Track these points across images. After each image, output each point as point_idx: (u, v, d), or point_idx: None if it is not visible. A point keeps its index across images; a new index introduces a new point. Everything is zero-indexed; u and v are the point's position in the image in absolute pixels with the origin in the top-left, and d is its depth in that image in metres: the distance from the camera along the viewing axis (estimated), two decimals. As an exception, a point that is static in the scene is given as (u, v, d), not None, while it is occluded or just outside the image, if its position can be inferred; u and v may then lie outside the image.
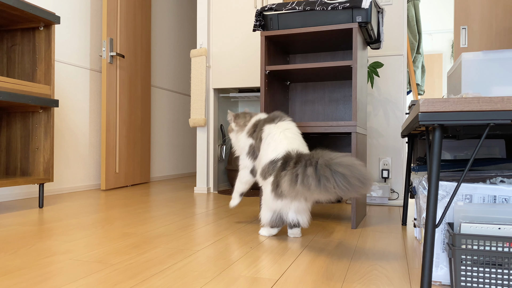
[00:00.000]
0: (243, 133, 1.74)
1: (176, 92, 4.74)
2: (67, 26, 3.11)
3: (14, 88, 2.14)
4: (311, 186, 1.29)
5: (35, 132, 2.41)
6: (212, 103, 3.22)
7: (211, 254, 1.37)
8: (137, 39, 3.73)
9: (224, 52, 3.17)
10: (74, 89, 3.18)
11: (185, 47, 4.98)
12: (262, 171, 1.59)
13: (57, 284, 1.06)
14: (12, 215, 2.09)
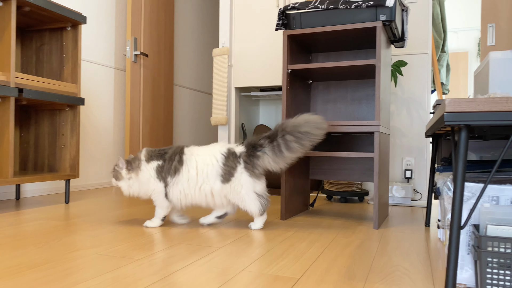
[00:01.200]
0: (142, 167, 1.76)
1: (198, 90, 4.79)
2: (92, 26, 3.18)
3: (43, 87, 2.20)
4: (293, 148, 1.68)
5: (61, 130, 2.47)
6: (234, 102, 3.24)
7: (233, 252, 1.38)
8: (161, 38, 3.78)
9: (246, 51, 3.18)
10: (99, 88, 3.25)
11: (207, 46, 5.02)
12: (222, 176, 1.70)
13: (85, 277, 1.09)
14: (40, 210, 2.16)
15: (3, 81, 1.97)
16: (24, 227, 1.71)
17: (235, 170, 1.70)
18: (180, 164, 1.72)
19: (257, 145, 1.73)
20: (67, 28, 2.47)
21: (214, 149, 1.75)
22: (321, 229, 1.79)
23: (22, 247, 1.38)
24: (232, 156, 1.72)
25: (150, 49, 3.61)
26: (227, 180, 1.70)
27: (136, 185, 1.76)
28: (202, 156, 1.74)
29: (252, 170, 1.71)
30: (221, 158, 1.72)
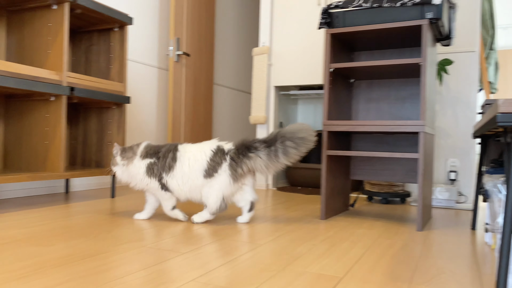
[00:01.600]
0: (135, 160, 1.82)
1: (236, 89, 4.84)
2: (137, 27, 3.28)
3: (92, 86, 2.30)
4: (291, 154, 1.76)
5: (108, 127, 2.57)
6: (273, 101, 3.26)
7: (275, 249, 1.40)
8: (202, 38, 3.85)
9: (286, 50, 3.19)
10: (142, 87, 3.36)
11: (247, 46, 5.06)
12: (206, 171, 1.74)
13: (134, 269, 1.13)
14: (88, 203, 2.26)
15: (57, 80, 2.08)
16: (75, 220, 1.79)
17: (220, 166, 1.75)
18: (173, 161, 1.78)
19: (251, 147, 1.77)
20: (114, 29, 2.56)
21: (205, 146, 1.81)
22: (362, 230, 1.77)
23: (75, 238, 1.46)
24: (220, 153, 1.77)
25: (192, 48, 3.68)
26: (210, 175, 1.75)
27: (127, 173, 1.83)
28: (194, 152, 1.79)
29: (235, 169, 1.75)
30: (210, 154, 1.77)
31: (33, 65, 2.21)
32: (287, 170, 3.37)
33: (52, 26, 2.15)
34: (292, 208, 2.30)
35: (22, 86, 1.87)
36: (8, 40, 2.31)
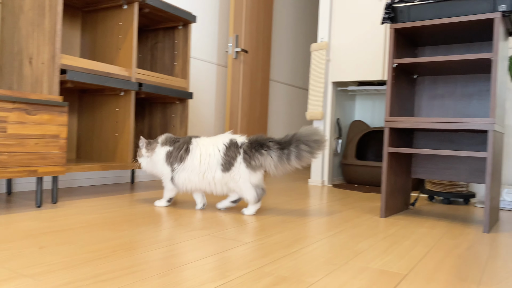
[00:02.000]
0: (156, 149, 1.93)
1: (292, 85, 4.85)
2: (198, 24, 3.39)
3: (158, 82, 2.41)
4: (304, 157, 1.80)
5: (172, 121, 2.69)
6: (330, 97, 3.24)
7: (335, 243, 1.41)
8: (259, 34, 3.89)
9: (345, 45, 3.15)
10: (202, 83, 3.46)
11: (303, 42, 5.05)
12: (223, 165, 1.81)
13: (201, 255, 1.19)
14: (153, 193, 2.38)
15: (126, 76, 2.21)
16: (141, 208, 1.90)
17: (235, 160, 1.81)
18: (186, 153, 1.86)
19: (265, 145, 1.82)
20: (178, 27, 2.67)
21: (218, 139, 1.87)
22: (424, 229, 1.73)
23: (143, 225, 1.55)
24: (233, 147, 1.83)
25: (250, 45, 3.74)
26: (227, 169, 1.81)
27: (151, 164, 1.94)
28: (206, 146, 1.85)
29: (249, 161, 1.80)
30: (223, 148, 1.83)
31: (105, 62, 2.35)
32: (343, 167, 3.34)
33: (122, 25, 2.28)
34: (349, 205, 2.29)
35: (96, 81, 2.01)
36: (82, 39, 2.47)
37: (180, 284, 0.95)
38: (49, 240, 1.28)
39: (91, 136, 2.40)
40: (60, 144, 1.76)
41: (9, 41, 2.04)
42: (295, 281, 1.02)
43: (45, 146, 1.71)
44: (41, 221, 1.54)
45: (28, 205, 1.84)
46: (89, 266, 1.05)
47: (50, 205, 1.86)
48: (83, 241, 1.29)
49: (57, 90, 1.85)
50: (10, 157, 1.59)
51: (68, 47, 2.42)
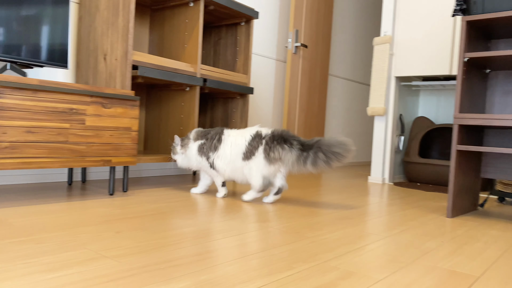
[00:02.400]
0: (189, 145, 2.05)
1: (351, 80, 4.76)
2: (258, 20, 3.42)
3: (220, 77, 2.47)
4: (319, 165, 1.83)
5: (232, 116, 2.75)
6: (393, 92, 3.15)
7: (401, 242, 1.38)
8: (319, 29, 3.86)
9: (409, 39, 3.05)
10: (262, 78, 3.50)
11: (364, 36, 4.94)
12: (244, 154, 1.91)
13: (265, 247, 1.22)
14: (213, 185, 2.45)
15: (192, 72, 2.28)
16: (204, 199, 1.97)
17: (257, 150, 1.90)
18: (219, 142, 1.98)
19: (288, 141, 1.87)
20: (241, 23, 2.71)
21: (247, 131, 1.96)
22: (496, 232, 1.65)
23: (208, 215, 1.61)
24: (257, 138, 1.92)
25: (309, 40, 3.72)
26: (247, 158, 1.91)
27: (186, 159, 2.07)
28: (236, 137, 1.96)
29: (268, 153, 1.87)
30: (249, 139, 1.93)
31: (172, 58, 2.45)
32: (406, 165, 3.24)
33: (188, 22, 2.36)
34: (413, 204, 2.22)
35: (164, 77, 2.10)
36: (150, 36, 2.59)
37: (248, 273, 0.98)
38: (123, 225, 1.37)
39: (157, 129, 2.52)
40: (132, 136, 1.87)
41: (85, 38, 2.18)
42: (362, 276, 1.01)
43: (118, 137, 1.82)
44: (114, 207, 1.64)
45: (101, 192, 1.96)
46: (163, 251, 1.11)
47: (121, 193, 1.98)
48: (154, 227, 1.36)
49: (129, 85, 1.95)
50: (88, 147, 1.71)
51: (138, 44, 2.54)
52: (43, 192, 1.89)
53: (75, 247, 1.10)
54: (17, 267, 0.93)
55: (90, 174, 2.37)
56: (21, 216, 1.41)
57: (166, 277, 0.93)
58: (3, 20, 1.71)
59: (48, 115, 1.58)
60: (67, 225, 1.33)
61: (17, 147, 1.51)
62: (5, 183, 2.06)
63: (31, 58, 1.82)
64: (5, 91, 1.47)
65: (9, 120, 1.48)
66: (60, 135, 1.62)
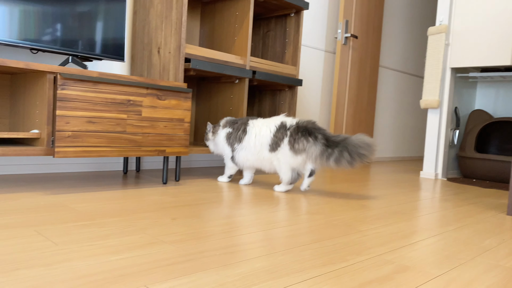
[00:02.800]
0: (219, 131, 2.10)
1: (403, 72, 4.61)
2: (308, 11, 3.38)
3: (269, 69, 2.48)
4: (341, 164, 1.82)
5: (280, 108, 2.74)
6: (448, 84, 3.02)
7: (459, 238, 1.33)
8: (370, 19, 3.76)
9: (468, 28, 2.90)
10: (310, 70, 3.47)
11: (417, 26, 4.76)
12: (270, 146, 1.93)
13: (320, 238, 1.22)
14: (258, 177, 2.46)
15: (241, 64, 2.30)
16: (252, 190, 1.99)
17: (282, 141, 1.91)
18: (243, 133, 2.00)
19: (313, 134, 1.87)
20: (290, 15, 2.70)
21: (271, 121, 1.98)
22: None
23: (257, 206, 1.62)
24: (282, 129, 1.92)
25: (360, 30, 3.64)
26: (273, 149, 1.93)
27: (216, 146, 2.12)
28: (260, 127, 1.98)
29: (293, 144, 1.88)
30: (274, 130, 1.94)
31: (222, 51, 2.48)
32: (460, 160, 3.11)
33: (238, 14, 2.38)
34: (469, 200, 2.13)
35: (215, 69, 2.13)
36: (201, 28, 2.63)
37: (302, 263, 0.99)
38: (178, 213, 1.41)
39: (207, 121, 2.56)
40: (184, 127, 1.92)
41: (140, 32, 2.26)
42: (419, 271, 0.99)
43: (172, 128, 1.87)
44: (168, 196, 1.70)
45: (155, 181, 2.03)
46: (217, 238, 1.14)
47: (174, 182, 2.04)
48: (207, 216, 1.40)
49: (181, 77, 2.00)
50: (144, 137, 1.78)
51: (189, 37, 2.59)
52: (101, 180, 1.98)
53: (135, 232, 1.15)
54: (84, 249, 0.99)
55: (144, 163, 2.46)
56: (83, 202, 1.49)
57: (222, 263, 0.95)
58: (64, 16, 1.80)
59: (108, 106, 1.66)
60: (125, 211, 1.39)
61: (78, 136, 1.59)
62: (65, 170, 2.18)
63: (90, 52, 1.90)
64: (68, 82, 1.55)
65: (72, 111, 1.57)
66: (119, 126, 1.69)
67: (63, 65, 1.85)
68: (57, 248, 0.98)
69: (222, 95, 2.46)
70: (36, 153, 1.55)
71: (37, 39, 1.73)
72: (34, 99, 1.65)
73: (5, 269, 0.83)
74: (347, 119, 3.62)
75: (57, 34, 1.79)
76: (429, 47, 3.02)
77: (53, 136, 1.57)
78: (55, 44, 1.79)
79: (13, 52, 1.94)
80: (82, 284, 0.79)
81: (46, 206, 1.39)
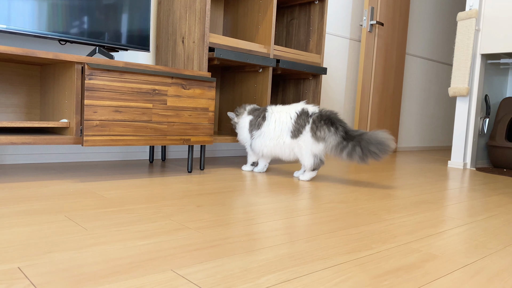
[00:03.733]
0: (242, 116, 2.11)
1: (430, 59, 4.49)
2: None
3: (293, 58, 2.46)
4: (353, 158, 1.84)
5: (304, 97, 2.72)
6: (478, 71, 2.92)
7: (488, 228, 1.30)
8: (396, 5, 3.67)
9: (499, 12, 2.80)
10: (334, 58, 3.42)
11: (445, 12, 4.62)
12: (292, 132, 1.93)
13: (345, 226, 1.21)
14: (281, 166, 2.46)
15: (265, 53, 2.29)
16: (277, 179, 1.99)
17: (304, 128, 1.91)
18: (263, 120, 2.01)
19: (335, 125, 1.88)
20: (315, 2, 2.66)
21: (291, 108, 1.97)
22: None
23: (283, 194, 1.63)
24: (304, 115, 1.93)
25: (386, 17, 3.56)
26: (295, 136, 1.93)
27: (239, 131, 2.13)
28: (280, 113, 1.98)
29: (315, 131, 1.89)
30: (295, 116, 1.94)
31: (245, 39, 2.47)
32: (490, 149, 3.02)
33: (262, 2, 2.36)
34: (499, 190, 2.07)
35: (239, 58, 2.13)
36: (225, 18, 2.63)
37: (326, 250, 0.99)
38: (203, 200, 1.43)
39: (231, 110, 2.57)
40: (209, 117, 1.93)
41: (165, 22, 2.27)
42: (447, 260, 0.97)
43: (196, 117, 1.88)
44: (193, 184, 1.72)
45: (180, 170, 2.06)
46: (242, 225, 1.15)
47: (199, 171, 2.06)
48: (232, 203, 1.41)
49: (205, 67, 2.01)
50: (169, 126, 1.80)
51: (213, 26, 2.60)
52: (128, 169, 2.02)
53: (161, 218, 1.17)
54: (112, 233, 1.01)
55: (169, 153, 2.50)
56: (111, 189, 1.53)
57: (247, 249, 0.96)
58: (91, 7, 1.83)
59: (134, 95, 1.68)
60: (152, 199, 1.41)
61: (106, 125, 1.62)
62: (92, 159, 2.23)
63: (116, 42, 1.93)
64: (95, 72, 1.58)
65: (99, 100, 1.60)
66: (144, 115, 1.72)
67: (91, 55, 1.88)
68: (86, 232, 1.01)
69: (246, 84, 2.46)
70: (66, 141, 1.59)
71: (65, 31, 1.77)
72: (63, 89, 1.69)
73: (38, 252, 0.86)
74: (372, 107, 3.56)
75: (84, 25, 1.82)
76: (458, 33, 2.93)
77: (82, 125, 1.61)
78: (82, 35, 1.82)
79: (43, 43, 1.99)
80: (110, 267, 0.81)
81: (75, 193, 1.43)
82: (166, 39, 2.27)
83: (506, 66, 3.20)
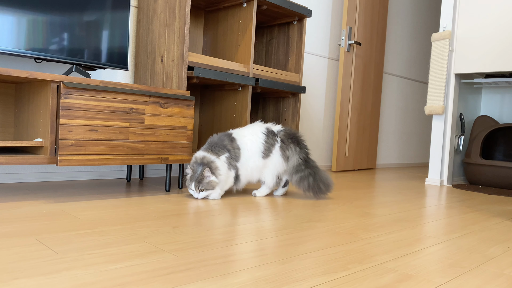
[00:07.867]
0: (217, 164, 1.81)
1: (407, 78, 4.60)
2: (311, 18, 3.39)
3: (272, 77, 2.48)
4: (303, 186, 1.93)
5: (284, 115, 2.74)
6: (452, 90, 3.00)
7: (462, 246, 1.31)
8: (374, 26, 3.76)
9: (471, 33, 2.89)
10: (313, 77, 3.47)
11: (421, 32, 4.75)
12: (263, 152, 1.92)
13: (321, 246, 1.21)
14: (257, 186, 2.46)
15: (244, 72, 2.31)
16: (257, 199, 1.98)
17: (274, 147, 1.94)
18: (238, 149, 1.91)
19: (299, 144, 1.96)
20: (293, 22, 2.70)
21: (255, 128, 1.96)
22: None
23: (261, 214, 1.62)
24: (271, 134, 1.96)
25: (363, 37, 3.64)
26: (266, 155, 1.93)
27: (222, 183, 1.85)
28: (249, 136, 1.94)
29: (284, 151, 1.94)
30: (263, 136, 1.94)
31: (225, 58, 2.49)
32: (466, 166, 3.08)
33: (241, 22, 2.39)
34: (474, 207, 2.11)
35: (218, 77, 2.13)
36: (204, 37, 2.65)
37: (302, 272, 0.98)
38: (180, 221, 1.41)
39: (210, 129, 2.57)
40: (187, 135, 1.92)
41: (144, 41, 2.27)
42: (422, 280, 0.98)
43: (175, 136, 1.87)
44: (171, 204, 1.70)
45: (158, 189, 2.03)
46: (218, 247, 1.13)
47: (177, 190, 2.04)
48: (209, 224, 1.39)
49: (184, 85, 2.01)
50: (146, 145, 1.78)
51: (192, 45, 2.61)
52: (104, 188, 1.99)
53: (136, 240, 1.15)
54: (84, 257, 0.99)
55: (148, 171, 2.47)
56: (85, 210, 1.50)
57: (222, 272, 0.94)
58: (68, 25, 1.82)
59: (110, 114, 1.66)
60: (127, 220, 1.39)
61: (81, 144, 1.60)
62: (68, 179, 2.19)
63: (94, 60, 1.92)
64: (71, 91, 1.56)
65: (74, 119, 1.58)
66: (121, 134, 1.70)
67: (67, 74, 1.86)
68: (57, 256, 0.98)
69: (226, 102, 2.47)
70: (40, 161, 1.56)
71: (41, 49, 1.75)
72: (37, 108, 1.66)
73: (5, 278, 0.83)
74: (351, 125, 3.61)
75: (61, 43, 1.81)
76: (433, 53, 3.01)
77: (56, 145, 1.58)
78: (58, 54, 1.80)
79: (18, 61, 1.96)
80: (80, 293, 0.78)
81: (48, 215, 1.40)
82: (145, 58, 2.26)
83: (479, 86, 3.30)
